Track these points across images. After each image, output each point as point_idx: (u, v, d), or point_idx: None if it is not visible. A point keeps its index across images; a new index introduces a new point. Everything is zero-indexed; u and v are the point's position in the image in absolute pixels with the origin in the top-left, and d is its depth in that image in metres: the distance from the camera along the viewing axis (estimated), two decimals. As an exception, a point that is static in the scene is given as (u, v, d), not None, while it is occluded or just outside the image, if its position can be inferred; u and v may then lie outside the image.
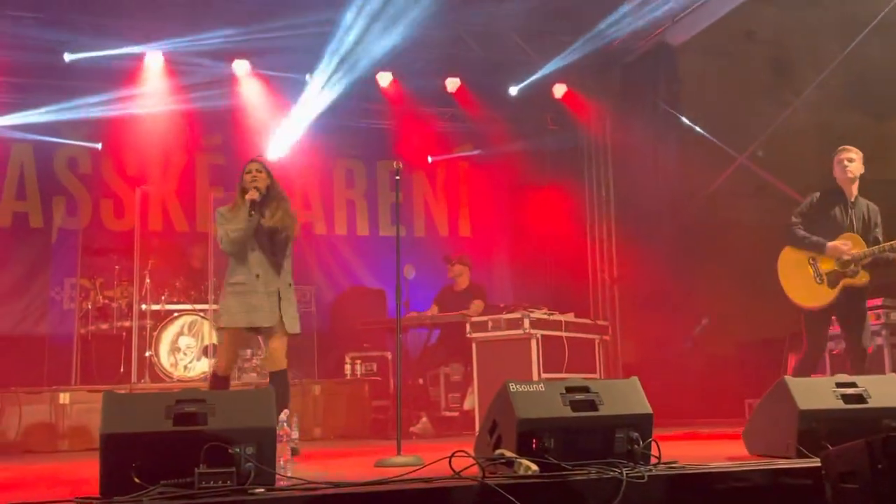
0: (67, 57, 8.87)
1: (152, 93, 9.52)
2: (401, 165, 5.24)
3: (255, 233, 5.69)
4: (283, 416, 3.94)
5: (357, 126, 10.86)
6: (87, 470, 5.27)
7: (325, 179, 11.04)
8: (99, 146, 9.82)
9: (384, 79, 10.14)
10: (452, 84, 10.36)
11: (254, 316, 5.59)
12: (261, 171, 5.83)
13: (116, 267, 8.81)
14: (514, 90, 10.38)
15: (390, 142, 10.95)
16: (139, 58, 9.31)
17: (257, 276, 5.62)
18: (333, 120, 10.52)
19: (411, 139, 10.98)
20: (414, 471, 3.64)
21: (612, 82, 10.33)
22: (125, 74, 9.36)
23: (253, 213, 5.63)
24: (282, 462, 3.84)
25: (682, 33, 9.38)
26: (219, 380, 5.56)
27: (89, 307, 8.79)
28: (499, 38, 9.85)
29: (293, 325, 5.70)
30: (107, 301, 8.79)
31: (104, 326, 8.74)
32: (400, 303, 5.11)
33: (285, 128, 10.21)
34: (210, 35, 9.22)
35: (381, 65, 9.92)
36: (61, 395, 7.51)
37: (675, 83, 9.66)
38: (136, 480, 3.30)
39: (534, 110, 10.96)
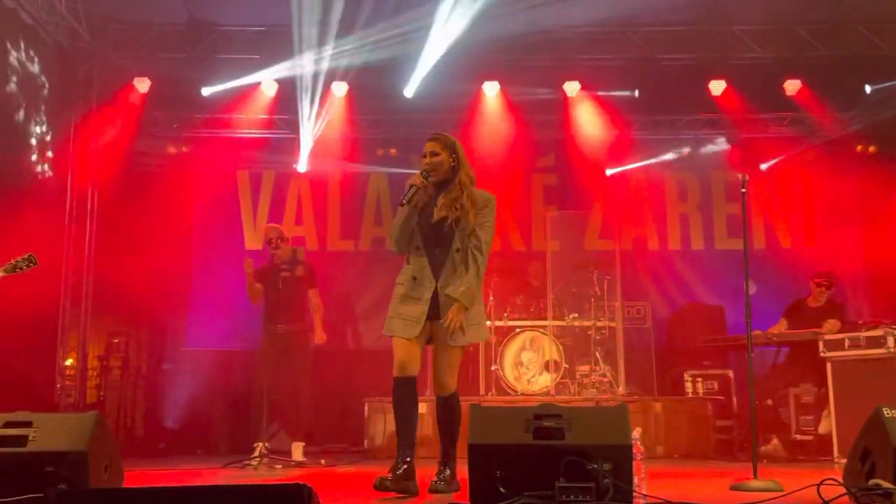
0: (408, 92, 9.63)
1: (489, 119, 10.07)
2: (746, 177, 5.04)
3: (421, 228, 4.69)
4: (637, 433, 3.94)
5: (688, 137, 10.64)
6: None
7: (658, 193, 10.91)
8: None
9: (717, 87, 9.83)
10: (792, 86, 9.76)
11: (397, 324, 4.70)
12: (437, 154, 4.71)
13: (463, 285, 9.34)
14: (867, 88, 9.55)
15: (723, 151, 10.59)
16: (477, 88, 9.90)
17: (413, 278, 4.69)
18: (662, 132, 10.48)
19: (745, 146, 10.54)
20: (776, 497, 3.49)
21: None
22: (465, 105, 10.00)
23: (404, 202, 4.59)
24: (636, 479, 3.85)
25: None
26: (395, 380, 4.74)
27: (440, 323, 9.40)
28: (845, 33, 9.17)
29: (456, 337, 4.57)
30: (454, 317, 9.34)
31: (452, 341, 9.29)
32: (750, 319, 4.92)
33: (615, 144, 10.32)
34: (541, 59, 9.59)
35: (712, 72, 9.70)
36: (418, 405, 8.11)
37: None
38: (501, 490, 3.49)
39: (887, 109, 10.00)
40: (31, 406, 4.43)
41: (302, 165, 10.33)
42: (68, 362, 9.35)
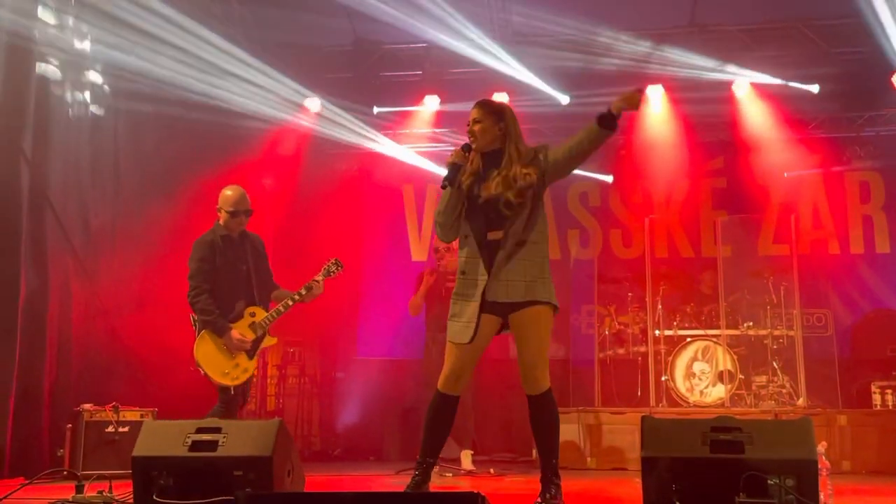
0: (563, 99, 9.56)
1: (653, 123, 9.84)
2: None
3: (468, 211, 4.19)
4: (822, 447, 3.74)
5: (868, 135, 10.02)
6: (618, 488, 5.56)
7: (837, 194, 10.31)
8: (610, 179, 10.37)
9: (902, 79, 9.20)
10: None
11: (452, 327, 4.14)
12: (479, 121, 4.17)
13: (629, 294, 9.19)
14: None
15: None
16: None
17: (463, 272, 4.15)
18: (841, 130, 9.93)
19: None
20: (985, 520, 3.21)
21: None
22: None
23: (446, 183, 4.16)
24: (822, 496, 3.65)
25: None
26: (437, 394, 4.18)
27: (606, 332, 9.28)
28: None
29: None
30: (621, 326, 9.21)
31: (620, 351, 9.15)
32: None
33: (789, 143, 9.86)
34: (706, 58, 9.30)
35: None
36: (586, 416, 8.03)
37: None
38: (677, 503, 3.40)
39: None
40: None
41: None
42: (249, 371, 9.84)
